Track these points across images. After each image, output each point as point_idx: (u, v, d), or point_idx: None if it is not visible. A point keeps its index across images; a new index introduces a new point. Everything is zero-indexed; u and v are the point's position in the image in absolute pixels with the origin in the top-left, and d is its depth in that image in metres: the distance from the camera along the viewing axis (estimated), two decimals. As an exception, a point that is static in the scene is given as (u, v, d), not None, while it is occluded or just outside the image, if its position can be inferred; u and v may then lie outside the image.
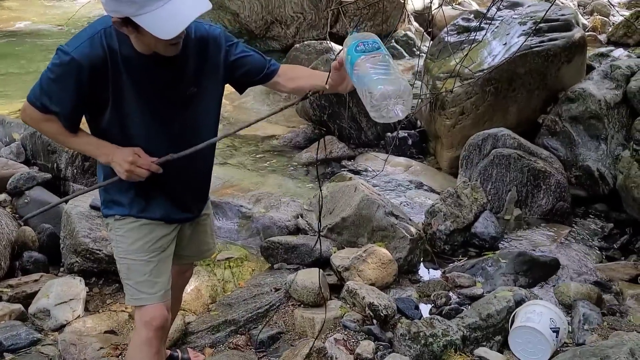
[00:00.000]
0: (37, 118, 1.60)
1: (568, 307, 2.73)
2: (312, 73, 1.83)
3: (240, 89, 1.87)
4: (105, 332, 2.55)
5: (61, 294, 2.65)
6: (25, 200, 3.31)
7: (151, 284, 1.71)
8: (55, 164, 3.56)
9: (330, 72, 1.58)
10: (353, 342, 2.45)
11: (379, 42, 1.43)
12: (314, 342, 2.28)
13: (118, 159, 1.57)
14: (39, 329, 2.55)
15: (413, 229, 3.18)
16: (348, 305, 2.72)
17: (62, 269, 3.00)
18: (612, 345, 2.07)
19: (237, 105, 5.58)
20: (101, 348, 2.37)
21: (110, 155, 1.59)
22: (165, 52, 1.52)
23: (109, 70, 1.52)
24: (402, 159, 4.58)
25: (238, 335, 2.55)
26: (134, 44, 1.51)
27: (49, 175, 3.46)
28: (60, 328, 2.57)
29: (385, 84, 1.31)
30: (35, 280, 2.79)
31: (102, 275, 2.94)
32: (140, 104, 1.60)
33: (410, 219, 3.35)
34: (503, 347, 2.47)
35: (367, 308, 2.60)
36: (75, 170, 3.55)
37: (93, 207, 3.00)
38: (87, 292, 2.82)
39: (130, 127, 1.62)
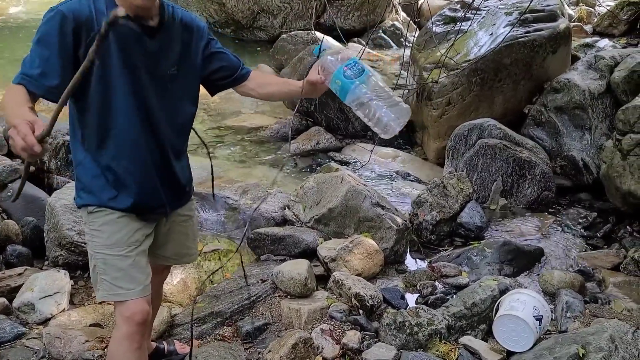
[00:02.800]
0: (12, 89, 1.48)
1: (552, 296, 2.76)
2: (283, 81, 1.91)
3: (212, 89, 1.88)
4: (91, 325, 2.54)
5: (46, 287, 2.63)
6: (8, 193, 3.27)
7: (130, 278, 1.67)
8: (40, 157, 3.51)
9: (304, 83, 1.73)
10: (339, 332, 2.47)
11: (359, 62, 1.57)
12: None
13: (15, 121, 1.32)
14: (24, 322, 2.53)
15: (399, 220, 3.19)
16: (334, 296, 2.73)
17: (46, 263, 2.98)
18: (593, 332, 2.11)
19: (223, 97, 5.54)
20: (87, 341, 2.36)
21: (15, 115, 1.37)
22: (135, 1, 1.51)
23: (95, 31, 1.48)
24: (389, 150, 4.59)
25: (225, 327, 2.56)
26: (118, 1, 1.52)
27: (32, 168, 3.42)
28: (45, 322, 2.55)
29: (392, 111, 1.51)
30: (20, 274, 2.76)
31: (87, 268, 2.87)
32: (124, 73, 1.57)
33: (396, 210, 3.37)
34: (487, 335, 2.49)
35: (353, 298, 2.62)
36: (59, 163, 3.51)
37: (77, 199, 2.97)
38: (72, 285, 2.80)
39: (112, 100, 1.59)
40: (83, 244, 2.85)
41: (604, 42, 5.89)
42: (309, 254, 3.04)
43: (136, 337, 1.68)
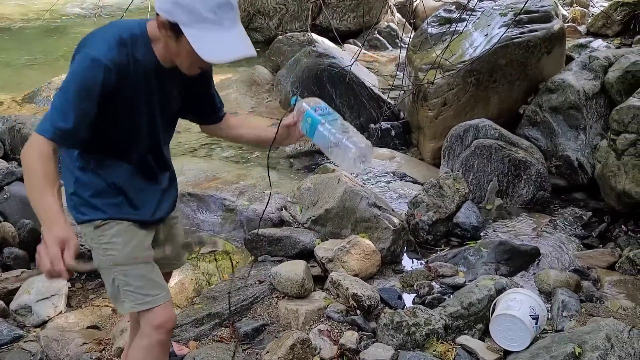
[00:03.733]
0: (42, 153, 1.39)
1: (548, 295, 2.78)
2: (256, 126, 1.94)
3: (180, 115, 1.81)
4: (88, 327, 2.54)
5: (43, 290, 2.63)
6: (5, 196, 3.27)
7: (154, 284, 1.64)
8: (34, 159, 3.51)
9: (278, 127, 1.73)
10: (337, 332, 2.47)
11: (329, 108, 1.69)
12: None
13: (47, 238, 1.34)
14: (21, 325, 2.53)
15: (396, 220, 3.20)
16: (332, 296, 2.74)
17: (43, 265, 2.97)
18: (589, 330, 2.12)
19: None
20: (84, 343, 2.36)
21: (46, 228, 1.36)
22: (188, 71, 1.51)
23: (129, 78, 1.47)
24: (385, 150, 4.60)
25: (222, 328, 2.56)
26: (158, 49, 1.49)
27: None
28: (42, 324, 2.55)
29: (356, 148, 1.59)
30: (17, 277, 2.76)
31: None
32: (145, 111, 1.58)
33: (393, 210, 3.38)
34: (484, 334, 2.50)
35: (350, 299, 2.62)
36: (55, 165, 3.50)
37: (74, 201, 2.97)
38: (69, 287, 2.80)
39: (129, 134, 1.60)
40: (80, 247, 2.84)
41: (598, 43, 5.93)
42: (306, 254, 3.05)
43: (167, 344, 1.66)
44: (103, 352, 2.37)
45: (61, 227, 1.34)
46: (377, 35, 7.24)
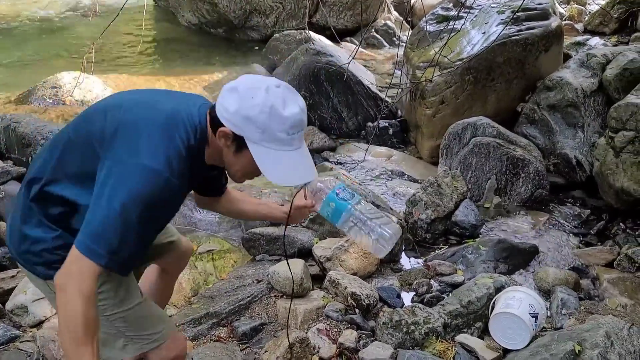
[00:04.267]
0: (86, 292, 1.22)
1: (547, 293, 2.77)
2: (260, 202, 1.85)
3: None
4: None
5: (38, 290, 2.60)
6: (0, 195, 3.24)
7: (156, 319, 1.56)
8: (30, 158, 3.49)
9: (291, 209, 1.67)
10: (336, 331, 2.46)
11: (348, 187, 1.62)
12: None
13: None
14: (17, 325, 2.51)
15: (394, 218, 3.19)
16: (330, 295, 2.72)
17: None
18: (589, 328, 2.11)
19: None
20: (81, 343, 2.34)
21: None
22: (233, 177, 1.46)
23: (182, 190, 1.37)
24: (383, 149, 4.59)
25: (220, 328, 2.54)
26: (210, 152, 1.37)
27: (23, 169, 3.39)
28: (38, 324, 2.53)
29: (385, 231, 1.55)
30: (12, 277, 2.74)
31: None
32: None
33: (391, 209, 3.37)
34: (484, 333, 2.49)
35: (349, 297, 2.61)
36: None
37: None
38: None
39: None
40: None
41: (595, 41, 5.92)
42: (304, 253, 3.04)
43: None
44: (100, 352, 2.35)
45: None
46: (374, 34, 7.22)
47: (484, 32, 4.48)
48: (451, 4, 5.13)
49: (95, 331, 1.25)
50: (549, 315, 2.58)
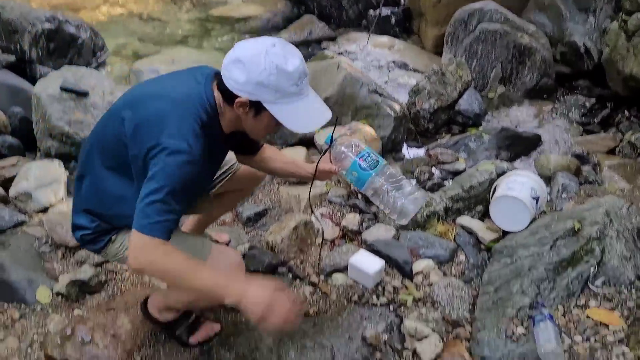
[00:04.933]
0: (158, 253, 1.32)
1: (547, 179, 2.79)
2: (291, 161, 1.89)
3: None
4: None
5: (41, 177, 2.60)
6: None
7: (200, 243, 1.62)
8: (18, 45, 3.35)
9: (316, 171, 1.74)
10: (339, 215, 2.49)
11: (372, 152, 1.61)
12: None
13: (258, 297, 1.29)
14: (23, 211, 2.53)
15: (397, 107, 3.14)
16: (333, 182, 2.74)
17: (39, 154, 2.93)
18: (589, 208, 2.14)
19: None
20: (88, 227, 2.37)
21: (244, 292, 1.30)
22: (257, 137, 1.55)
23: (208, 159, 1.44)
24: (385, 38, 4.42)
25: (225, 213, 2.57)
26: (227, 121, 1.46)
27: (12, 58, 3.26)
28: (44, 210, 2.55)
29: (408, 198, 1.59)
30: (13, 165, 2.72)
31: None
32: (208, 175, 1.64)
33: (394, 97, 3.30)
34: (484, 216, 2.53)
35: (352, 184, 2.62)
36: (40, 52, 3.35)
37: (64, 89, 2.86)
38: (67, 176, 2.77)
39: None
40: (75, 135, 2.79)
41: None
42: (306, 142, 3.02)
43: None
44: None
45: (252, 281, 1.35)
46: None
47: None
48: None
49: (196, 260, 1.39)
50: (548, 200, 2.61)
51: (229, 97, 1.38)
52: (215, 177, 1.83)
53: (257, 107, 1.38)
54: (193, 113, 1.38)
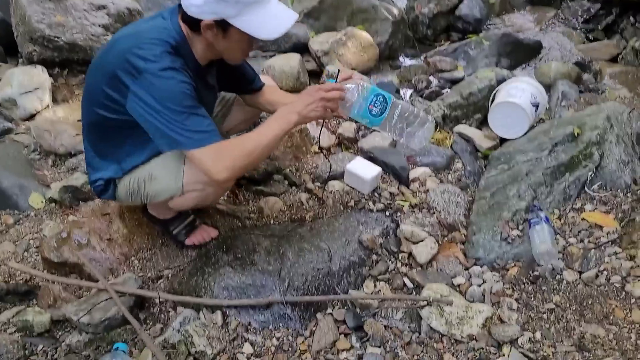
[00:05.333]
0: (227, 153, 1.37)
1: (548, 87, 2.72)
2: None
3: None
4: (79, 120, 2.46)
5: (24, 83, 2.51)
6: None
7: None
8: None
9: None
10: (335, 123, 2.44)
11: (380, 92, 1.54)
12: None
13: (304, 102, 1.45)
14: (9, 119, 2.46)
15: (395, 11, 3.00)
16: (328, 90, 2.66)
17: (20, 60, 2.80)
18: (590, 113, 2.10)
19: None
20: (77, 134, 2.31)
21: (295, 108, 1.45)
22: (236, 60, 1.54)
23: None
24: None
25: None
26: (200, 51, 1.45)
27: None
28: (30, 118, 2.48)
29: (419, 131, 1.59)
30: (-6, 71, 2.61)
31: (65, 65, 2.76)
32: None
33: (392, 1, 3.14)
34: (482, 124, 2.50)
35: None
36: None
37: (42, -11, 2.68)
38: (52, 82, 2.67)
39: None
40: (56, 39, 2.65)
41: None
42: (300, 48, 2.90)
43: None
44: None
45: (297, 98, 1.50)
46: None
47: None
48: None
49: (246, 135, 1.44)
50: (548, 108, 2.56)
51: (195, 24, 1.38)
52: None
53: (223, 26, 1.37)
54: (161, 40, 1.38)
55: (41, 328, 1.52)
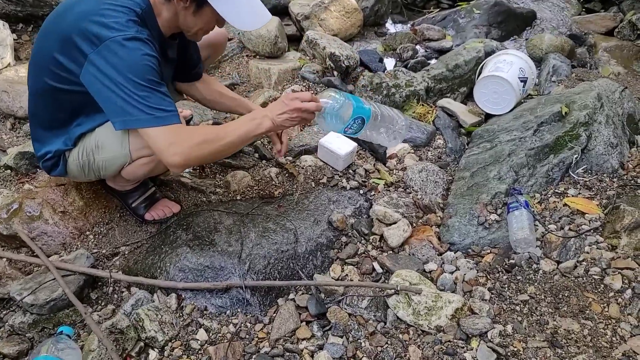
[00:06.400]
0: (187, 139, 1.26)
1: (539, 61, 2.61)
2: (242, 102, 1.75)
3: None
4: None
5: (-17, 39, 2.34)
6: None
7: None
8: None
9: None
10: (312, 92, 2.31)
11: (356, 110, 1.45)
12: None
13: (280, 109, 1.39)
14: (-34, 78, 2.30)
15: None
16: (308, 57, 2.52)
17: (-20, 14, 2.62)
18: (580, 91, 1.99)
19: None
20: (37, 97, 2.17)
21: (269, 114, 1.39)
22: (196, 37, 1.46)
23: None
24: None
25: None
26: (165, 21, 1.37)
27: None
28: (-11, 76, 2.32)
29: (395, 134, 1.57)
30: (-50, 25, 2.42)
31: (29, 21, 2.58)
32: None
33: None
34: (467, 98, 2.39)
35: (327, 59, 2.41)
36: None
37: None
38: (15, 39, 2.50)
39: None
40: None
41: None
42: (280, 11, 2.74)
43: None
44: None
45: (269, 105, 1.43)
46: None
47: None
48: None
49: (212, 127, 1.40)
50: (537, 83, 2.45)
51: None
52: None
53: (199, 2, 1.32)
54: (124, 7, 1.27)
55: (-18, 307, 1.43)
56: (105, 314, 1.42)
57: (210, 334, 1.36)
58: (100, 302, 1.47)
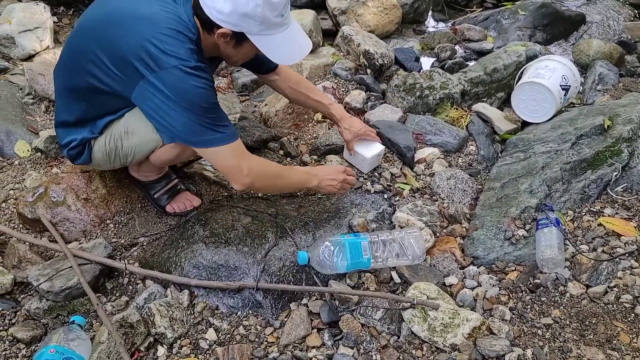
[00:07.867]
0: (259, 169, 1.42)
1: (584, 67, 2.48)
2: (319, 95, 1.79)
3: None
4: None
5: (24, 21, 2.39)
6: None
7: None
8: None
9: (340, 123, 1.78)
10: (343, 90, 2.27)
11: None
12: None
13: (331, 179, 1.57)
14: (7, 57, 2.36)
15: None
16: (342, 53, 2.47)
17: (23, -5, 2.67)
18: (626, 103, 1.88)
19: None
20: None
21: (321, 175, 1.57)
22: (234, 64, 1.52)
23: None
24: None
25: (220, 78, 2.36)
26: (207, 47, 1.39)
27: None
28: (29, 58, 2.37)
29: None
30: (-6, 5, 2.48)
31: (70, 4, 2.62)
32: None
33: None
34: (505, 104, 2.30)
35: (361, 56, 2.36)
36: None
37: None
38: (55, 22, 2.54)
39: None
40: None
41: None
42: (317, 4, 2.70)
43: None
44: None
45: (322, 168, 1.62)
46: None
47: None
48: None
49: (279, 165, 1.62)
50: (581, 90, 2.33)
51: (209, 25, 1.32)
52: None
53: (238, 38, 1.35)
54: (181, 33, 1.31)
55: (2, 290, 1.45)
56: (118, 305, 1.42)
57: (220, 335, 1.34)
58: (115, 292, 1.48)
